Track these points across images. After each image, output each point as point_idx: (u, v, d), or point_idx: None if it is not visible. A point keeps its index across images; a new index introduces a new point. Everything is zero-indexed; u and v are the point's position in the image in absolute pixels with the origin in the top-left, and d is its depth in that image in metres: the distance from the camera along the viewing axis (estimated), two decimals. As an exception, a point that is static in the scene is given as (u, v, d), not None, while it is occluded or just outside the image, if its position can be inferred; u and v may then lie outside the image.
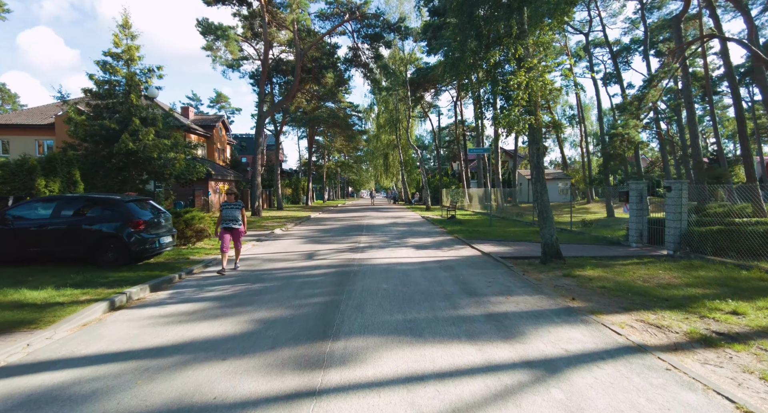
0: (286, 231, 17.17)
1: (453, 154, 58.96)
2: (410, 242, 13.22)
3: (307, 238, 14.42)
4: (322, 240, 13.71)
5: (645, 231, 11.56)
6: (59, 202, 8.34)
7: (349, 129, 38.87)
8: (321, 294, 6.62)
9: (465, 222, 19.99)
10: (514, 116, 9.18)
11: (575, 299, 6.31)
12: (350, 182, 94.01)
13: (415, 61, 41.38)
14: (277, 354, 4.19)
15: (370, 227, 18.34)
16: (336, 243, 12.89)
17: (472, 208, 32.61)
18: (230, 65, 24.44)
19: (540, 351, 4.25)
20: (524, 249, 11.21)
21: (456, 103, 46.19)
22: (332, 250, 11.45)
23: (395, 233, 15.92)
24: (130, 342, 4.57)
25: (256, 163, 23.58)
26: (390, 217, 24.77)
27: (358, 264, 9.31)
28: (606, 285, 7.09)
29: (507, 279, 7.78)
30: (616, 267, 8.66)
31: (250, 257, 10.47)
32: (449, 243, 13.08)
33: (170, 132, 17.60)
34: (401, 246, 12.32)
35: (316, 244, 12.77)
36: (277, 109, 26.04)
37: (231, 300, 6.34)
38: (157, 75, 17.28)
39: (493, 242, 12.80)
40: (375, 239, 14.01)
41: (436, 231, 16.58)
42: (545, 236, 9.33)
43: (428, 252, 11.14)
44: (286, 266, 9.20)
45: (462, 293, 6.68)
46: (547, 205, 9.47)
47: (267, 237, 14.72)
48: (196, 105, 75.62)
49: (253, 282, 7.59)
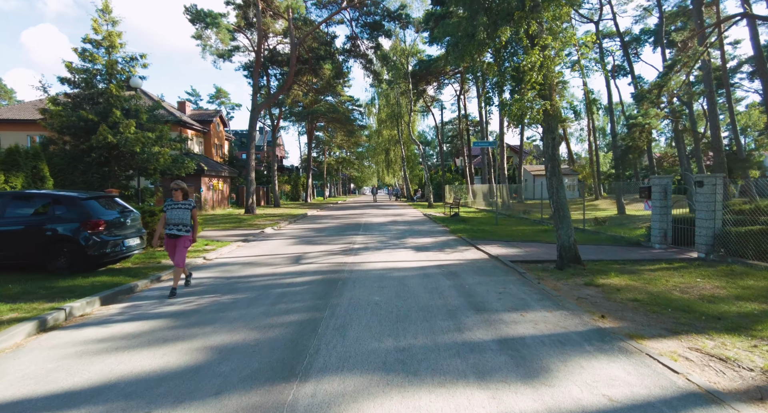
0: (277, 230, 16.11)
1: (456, 150, 57.75)
2: (410, 243, 12.13)
3: (298, 238, 13.34)
4: (314, 241, 12.63)
5: (669, 231, 10.41)
6: (2, 200, 7.28)
7: (349, 123, 37.74)
8: (299, 310, 5.55)
9: (469, 221, 18.87)
10: (527, 101, 8.05)
11: (605, 317, 5.21)
12: (352, 179, 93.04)
13: (417, 54, 40.15)
14: (220, 406, 3.11)
15: (367, 226, 17.25)
16: (329, 244, 11.81)
17: (476, 205, 31.47)
18: (221, 55, 23.33)
19: (574, 401, 3.16)
20: (536, 252, 10.09)
21: (459, 96, 44.98)
22: (323, 253, 10.37)
23: (394, 232, 14.83)
24: (35, 384, 3.50)
25: (249, 158, 22.52)
26: (390, 215, 23.68)
27: (349, 269, 8.22)
28: (638, 298, 5.98)
29: (520, 288, 6.68)
30: (645, 274, 7.53)
31: (229, 261, 9.40)
32: (452, 244, 11.97)
33: (156, 125, 16.51)
34: (400, 247, 11.23)
35: (306, 246, 11.69)
36: (271, 101, 24.95)
37: (190, 318, 5.27)
38: (141, 64, 16.20)
39: (500, 243, 11.69)
40: (372, 239, 12.92)
41: (438, 231, 15.47)
42: (562, 237, 8.21)
43: (429, 254, 10.04)
44: (267, 272, 8.12)
45: (468, 308, 5.59)
46: (563, 203, 8.35)
47: (255, 237, 13.65)
48: (196, 100, 74.56)
49: (224, 293, 6.52)
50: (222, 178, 28.59)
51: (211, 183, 26.53)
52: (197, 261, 9.26)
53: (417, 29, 33.49)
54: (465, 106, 45.37)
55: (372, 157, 58.57)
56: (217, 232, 14.52)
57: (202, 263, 9.20)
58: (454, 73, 42.02)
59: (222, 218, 20.26)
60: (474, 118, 48.27)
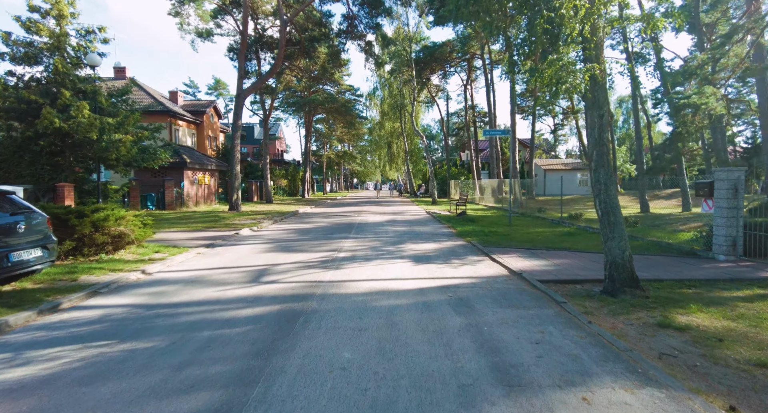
0: (256, 231, 13.95)
1: (462, 143, 55.34)
2: (408, 250, 9.92)
3: (274, 243, 11.17)
4: (291, 247, 10.45)
5: (740, 239, 8.13)
6: None
7: (348, 114, 35.43)
8: (215, 383, 3.37)
9: (478, 220, 16.64)
10: (566, 64, 5.80)
11: (736, 410, 2.99)
12: (354, 173, 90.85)
13: (421, 40, 37.71)
14: None
15: (361, 226, 15.05)
16: (308, 252, 9.63)
17: (485, 202, 29.18)
18: (200, 34, 21.10)
19: None
20: (568, 265, 7.86)
21: (466, 86, 42.56)
22: (297, 265, 8.19)
23: (391, 236, 12.62)
24: None
25: (234, 150, 20.33)
26: (389, 213, 21.47)
27: (321, 294, 6.04)
28: (765, 360, 3.75)
29: (566, 334, 4.47)
30: (739, 306, 5.30)
31: (171, 278, 7.24)
32: (461, 252, 9.75)
33: (120, 109, 14.35)
34: (395, 257, 9.02)
35: (280, 254, 9.51)
36: (259, 86, 22.74)
37: (39, 392, 3.11)
38: (101, 39, 14.02)
39: (520, 251, 9.45)
40: (363, 245, 10.73)
41: (442, 233, 13.25)
42: (613, 251, 5.98)
43: (431, 268, 7.84)
44: (210, 297, 5.95)
45: (492, 380, 3.40)
46: (615, 204, 6.11)
47: (225, 240, 11.50)
48: (194, 92, 72.28)
49: (125, 338, 4.37)
50: (209, 171, 26.46)
51: (195, 177, 24.42)
52: (131, 276, 7.12)
53: (421, 12, 31.10)
54: (472, 97, 42.98)
55: (375, 150, 56.21)
56: (181, 234, 12.39)
57: (135, 280, 7.05)
58: (461, 60, 39.60)
59: (201, 216, 18.15)
60: (482, 109, 45.87)
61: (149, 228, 9.55)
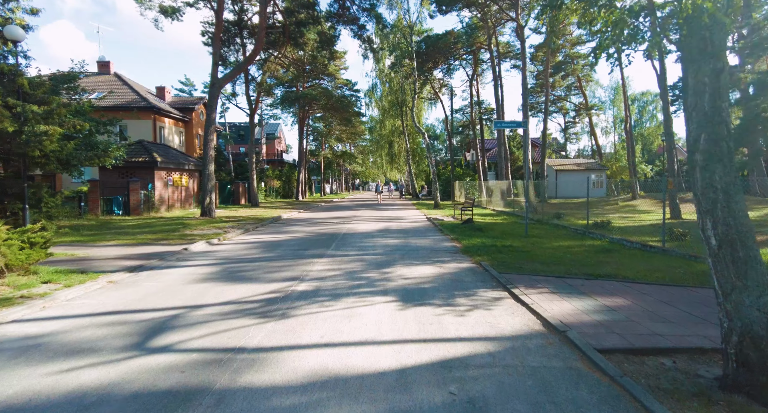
0: (214, 245, 11.35)
1: (467, 143, 52.61)
2: (396, 278, 7.28)
3: (222, 266, 8.56)
4: (240, 273, 7.83)
5: None
6: None
7: (344, 110, 32.83)
8: None
9: (487, 229, 13.99)
10: None
11: None
12: (355, 174, 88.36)
13: (423, 33, 35.07)
14: None
15: (346, 239, 12.41)
16: (257, 282, 7.01)
17: (492, 205, 26.48)
18: (165, 11, 18.48)
19: None
20: (630, 308, 5.20)
21: (471, 81, 39.87)
22: (226, 308, 5.58)
23: (379, 252, 9.99)
24: None
25: (207, 147, 17.76)
26: (384, 219, 18.84)
27: (224, 387, 3.43)
28: None
29: None
30: None
31: (8, 335, 4.64)
32: (468, 281, 7.10)
33: (50, 97, 11.82)
34: (375, 291, 6.39)
35: (219, 284, 6.90)
36: (235, 75, 20.21)
37: None
38: (28, 9, 11.50)
39: (550, 280, 6.79)
40: (337, 268, 8.11)
41: (444, 249, 10.60)
42: (743, 312, 3.32)
43: (425, 315, 5.20)
44: (22, 392, 3.35)
45: None
46: (745, 227, 3.45)
47: (164, 260, 8.91)
48: (190, 90, 70.00)
49: None
50: (187, 172, 23.93)
51: (170, 178, 21.89)
52: None
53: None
54: (478, 93, 40.32)
55: (376, 150, 53.51)
56: (115, 250, 9.82)
57: (-43, 340, 4.46)
58: (466, 53, 36.93)
59: (163, 224, 15.60)
60: (488, 105, 43.14)
61: (39, 248, 6.97)
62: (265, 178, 36.50)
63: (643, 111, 59.85)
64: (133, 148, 20.85)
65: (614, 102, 55.56)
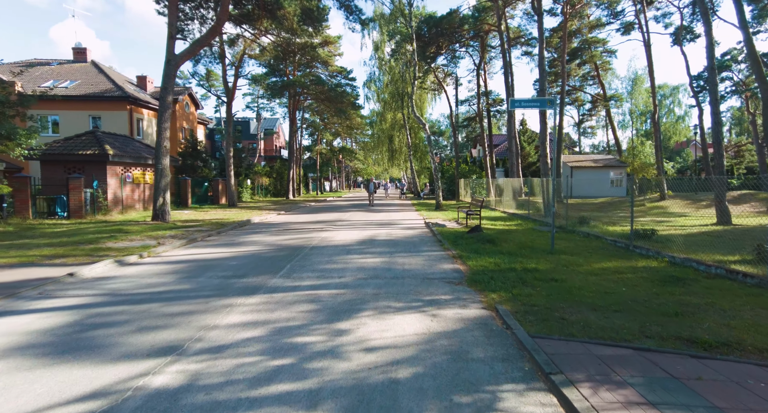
0: (126, 265, 8.23)
1: (473, 138, 49.21)
2: (351, 351, 4.12)
3: (75, 317, 5.43)
4: (78, 344, 4.69)
5: None
6: None
7: (338, 101, 29.67)
8: None
9: (499, 240, 10.80)
10: None
11: None
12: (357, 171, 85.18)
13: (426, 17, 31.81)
14: None
15: (308, 257, 9.20)
16: (81, 368, 3.89)
17: (503, 206, 23.23)
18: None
19: None
20: None
21: (479, 70, 36.47)
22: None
23: (345, 285, 6.82)
24: None
25: (160, 137, 14.66)
26: (373, 225, 15.67)
27: None
28: None
29: None
30: None
31: None
32: (480, 361, 3.91)
33: None
34: (302, 391, 3.23)
35: (23, 374, 3.79)
36: (196, 50, 17.08)
37: None
38: None
39: (629, 357, 3.58)
40: (260, 326, 4.97)
41: (441, 275, 7.42)
42: None
43: None
44: None
45: None
46: None
47: (12, 296, 5.82)
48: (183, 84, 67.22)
49: None
50: (151, 167, 20.87)
51: (128, 174, 18.85)
52: None
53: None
54: (485, 82, 36.87)
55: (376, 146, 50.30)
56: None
57: None
58: (472, 39, 33.55)
59: (95, 230, 12.55)
60: (497, 95, 39.75)
61: None
62: (252, 175, 33.44)
63: (661, 105, 56.23)
64: (83, 140, 17.86)
65: (632, 94, 52.05)
